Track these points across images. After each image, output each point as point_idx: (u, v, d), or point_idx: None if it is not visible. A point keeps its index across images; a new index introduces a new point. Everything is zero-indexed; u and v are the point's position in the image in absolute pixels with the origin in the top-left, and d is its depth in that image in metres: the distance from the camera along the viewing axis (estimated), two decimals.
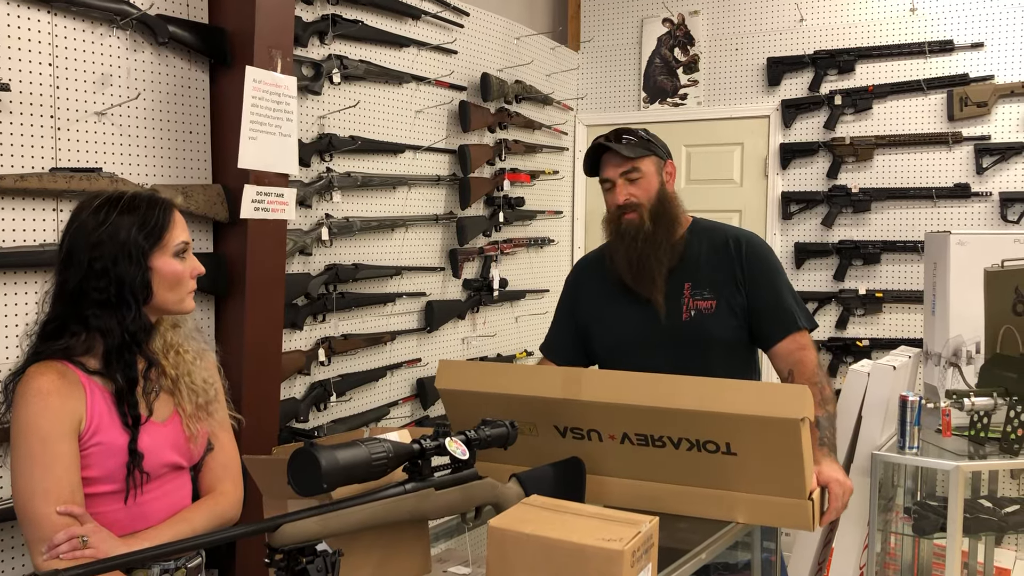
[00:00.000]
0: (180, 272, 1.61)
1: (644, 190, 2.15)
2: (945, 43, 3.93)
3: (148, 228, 1.58)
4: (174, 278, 1.61)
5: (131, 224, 1.56)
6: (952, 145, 3.93)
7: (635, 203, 2.14)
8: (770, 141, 4.30)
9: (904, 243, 4.00)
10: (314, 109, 2.95)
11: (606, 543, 1.19)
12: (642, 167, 2.15)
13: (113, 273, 1.54)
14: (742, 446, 1.63)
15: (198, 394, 1.66)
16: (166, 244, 1.60)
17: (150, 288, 1.58)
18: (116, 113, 2.30)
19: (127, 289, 1.55)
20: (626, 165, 2.15)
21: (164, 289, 1.60)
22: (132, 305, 1.55)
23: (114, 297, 1.54)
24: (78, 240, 1.56)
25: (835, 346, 4.09)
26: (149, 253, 1.57)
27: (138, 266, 1.55)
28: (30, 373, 1.52)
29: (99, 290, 1.53)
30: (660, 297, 2.12)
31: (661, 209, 2.15)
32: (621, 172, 2.15)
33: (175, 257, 1.61)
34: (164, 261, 1.59)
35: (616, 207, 2.17)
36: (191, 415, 1.65)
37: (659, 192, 2.16)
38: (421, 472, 1.37)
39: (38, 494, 1.46)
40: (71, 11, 2.18)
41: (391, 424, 3.33)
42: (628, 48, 4.64)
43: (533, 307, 4.21)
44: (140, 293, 1.56)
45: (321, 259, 3.00)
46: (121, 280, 1.54)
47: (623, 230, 2.15)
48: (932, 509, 2.67)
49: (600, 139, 2.20)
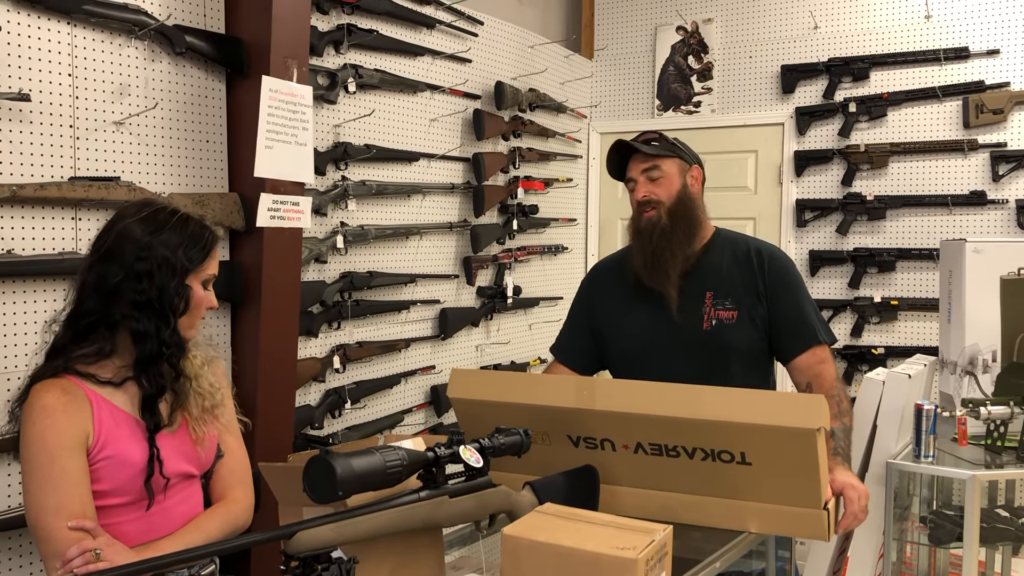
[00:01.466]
0: (201, 299, 1.64)
1: (664, 189, 2.16)
2: (960, 50, 3.91)
3: (194, 251, 1.60)
4: (195, 305, 1.63)
5: (181, 241, 1.59)
6: (968, 152, 3.91)
7: (655, 200, 2.15)
8: (784, 148, 4.30)
9: (919, 251, 3.98)
10: (329, 118, 2.97)
11: (620, 552, 1.20)
12: (663, 167, 2.17)
13: (157, 278, 1.55)
14: (757, 456, 1.63)
15: (204, 397, 1.67)
16: (201, 271, 1.63)
17: (188, 305, 1.60)
18: (134, 123, 2.32)
19: (166, 298, 1.56)
20: (647, 163, 2.17)
21: (187, 314, 1.62)
22: (170, 318, 1.57)
23: (156, 302, 1.55)
24: (124, 241, 1.57)
25: (850, 354, 4.08)
26: (188, 275, 1.60)
27: (178, 282, 1.58)
28: (35, 391, 1.53)
29: (138, 291, 1.54)
30: (674, 292, 2.12)
31: (681, 208, 2.16)
32: (642, 170, 2.17)
33: (202, 286, 1.64)
34: (196, 288, 1.62)
35: (637, 204, 2.19)
36: (197, 418, 1.66)
37: (680, 192, 2.17)
38: (435, 480, 1.37)
39: (49, 510, 1.47)
40: (90, 22, 2.20)
41: (405, 431, 3.33)
42: (642, 56, 4.65)
43: (547, 315, 4.21)
44: (178, 307, 1.58)
45: (336, 267, 3.02)
46: (162, 288, 1.56)
47: (642, 227, 2.17)
48: (948, 518, 2.65)
49: (621, 142, 2.21)
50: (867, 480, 2.66)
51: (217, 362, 1.76)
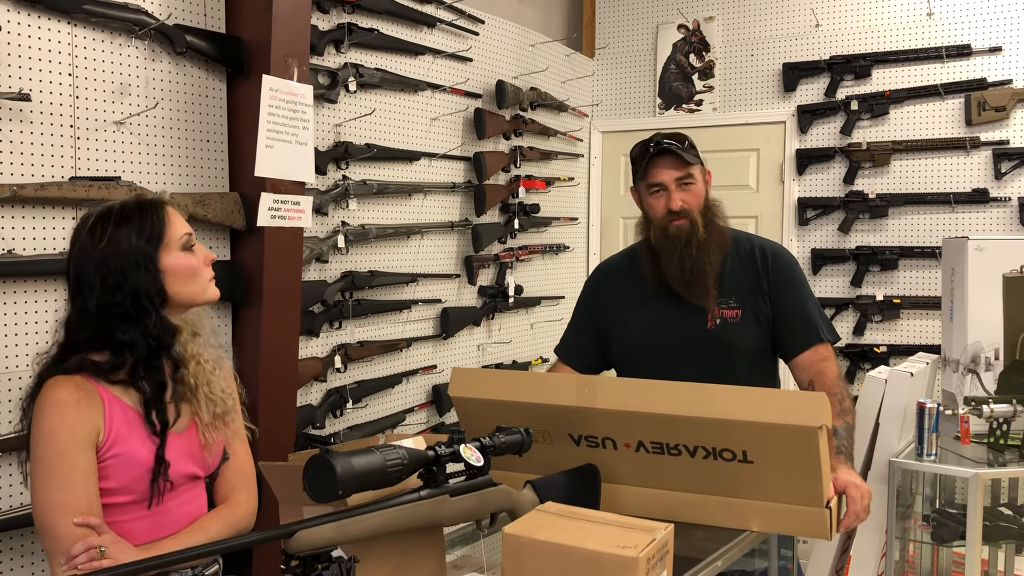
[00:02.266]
0: (193, 264, 1.63)
1: (696, 197, 2.13)
2: (963, 47, 3.91)
3: (147, 232, 1.59)
4: (188, 271, 1.62)
5: (129, 233, 1.57)
6: (970, 150, 3.90)
7: (687, 210, 2.11)
8: (786, 147, 4.29)
9: (922, 249, 3.98)
10: (330, 117, 2.97)
11: (621, 550, 1.19)
12: (695, 174, 2.14)
13: (127, 286, 1.55)
14: (759, 454, 1.62)
15: (216, 404, 1.67)
16: (169, 241, 1.61)
17: (164, 291, 1.59)
18: (135, 122, 2.32)
19: (143, 297, 1.56)
20: (682, 171, 2.11)
21: (182, 284, 1.61)
22: (151, 311, 1.57)
23: (133, 309, 1.55)
24: (83, 262, 1.57)
25: (853, 353, 4.07)
26: (156, 255, 1.59)
27: (148, 272, 1.57)
28: (48, 385, 1.53)
29: (118, 304, 1.55)
30: (711, 302, 2.11)
31: (710, 217, 2.14)
32: (676, 177, 2.11)
33: (183, 251, 1.62)
34: (174, 257, 1.60)
35: (667, 211, 2.12)
36: (208, 424, 1.66)
37: (706, 199, 2.15)
38: (436, 479, 1.37)
39: (55, 507, 1.47)
40: (91, 22, 2.20)
41: (407, 430, 3.33)
42: (643, 54, 4.64)
43: (548, 314, 4.20)
44: (156, 298, 1.58)
45: (337, 266, 3.02)
46: (136, 290, 1.56)
47: (672, 236, 2.11)
48: (951, 517, 2.65)
49: (655, 141, 2.14)
50: (870, 478, 2.66)
51: (225, 364, 1.75)
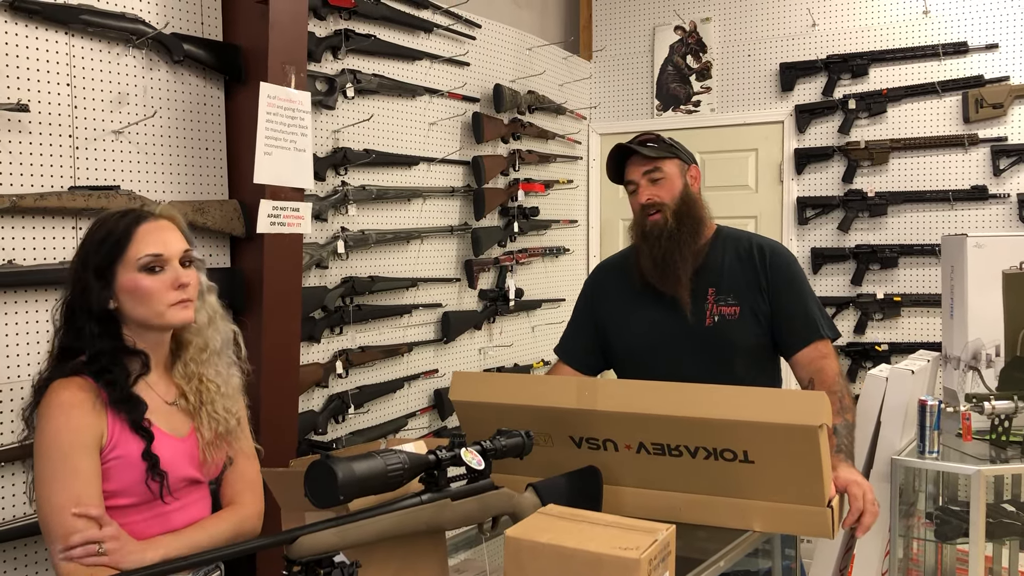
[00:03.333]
0: (146, 287, 1.56)
1: (667, 191, 2.16)
2: (959, 45, 3.91)
3: (108, 245, 1.57)
4: (140, 292, 1.56)
5: (97, 243, 1.58)
6: (968, 147, 3.91)
7: (658, 203, 2.15)
8: (784, 146, 4.29)
9: (921, 246, 3.98)
10: (328, 123, 2.97)
11: (623, 552, 1.19)
12: (664, 168, 2.17)
13: (85, 296, 1.57)
14: (760, 454, 1.62)
15: (218, 423, 1.67)
16: (128, 259, 1.57)
17: (109, 307, 1.57)
18: (133, 131, 2.33)
19: (94, 313, 1.56)
20: (648, 165, 2.16)
21: (134, 305, 1.57)
22: (91, 323, 1.56)
23: (84, 317, 1.56)
24: (70, 267, 1.62)
25: (854, 351, 4.07)
26: (111, 271, 1.56)
27: (100, 286, 1.56)
28: (53, 388, 1.53)
29: (77, 310, 1.57)
30: (686, 295, 2.12)
31: (685, 209, 2.16)
32: (643, 172, 2.17)
33: (142, 272, 1.56)
34: (128, 277, 1.56)
35: (640, 208, 2.18)
36: (209, 442, 1.66)
37: (683, 193, 2.17)
38: (437, 483, 1.37)
39: (57, 507, 1.48)
40: (88, 32, 2.21)
41: (409, 435, 3.33)
42: (640, 56, 4.65)
43: (549, 316, 4.21)
44: (104, 316, 1.57)
45: (337, 272, 3.02)
46: (89, 305, 1.56)
47: (647, 231, 2.16)
48: (954, 514, 2.64)
49: (619, 146, 2.21)
50: (872, 477, 2.66)
51: (233, 382, 1.73)
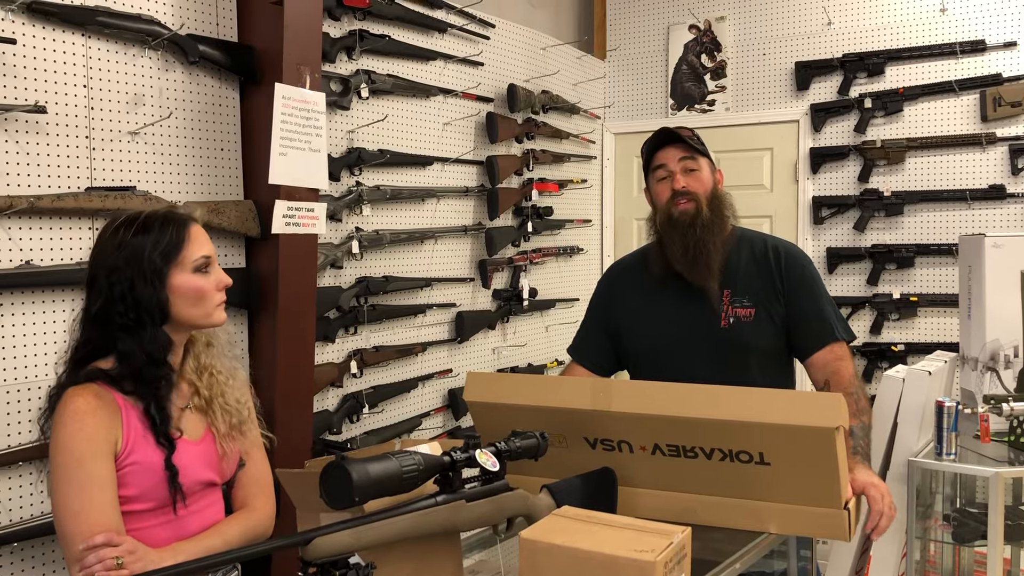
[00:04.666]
0: (202, 287, 1.61)
1: (700, 183, 2.15)
2: (977, 43, 3.88)
3: (163, 247, 1.58)
4: (196, 294, 1.60)
5: (145, 244, 1.57)
6: (986, 146, 3.87)
7: (691, 192, 2.14)
8: (800, 146, 4.27)
9: (938, 246, 3.95)
10: (343, 124, 2.98)
11: (638, 554, 1.19)
12: (700, 161, 2.17)
13: (131, 297, 1.55)
14: (776, 456, 1.61)
15: (231, 414, 1.68)
16: (183, 260, 1.60)
17: (167, 308, 1.58)
18: (149, 132, 2.34)
19: (144, 311, 1.56)
20: (686, 153, 2.15)
21: (187, 305, 1.60)
22: (148, 326, 1.56)
23: (133, 321, 1.56)
24: (98, 264, 1.59)
25: (870, 352, 4.04)
26: (166, 272, 1.58)
27: (154, 287, 1.56)
28: (68, 395, 1.54)
29: (120, 314, 1.55)
30: (715, 286, 2.11)
31: (716, 203, 2.16)
32: (680, 159, 2.15)
33: (195, 272, 1.61)
34: (184, 278, 1.59)
35: (671, 194, 2.15)
36: (224, 435, 1.67)
37: (714, 189, 2.17)
38: (452, 484, 1.37)
39: (70, 514, 1.49)
40: (104, 33, 2.22)
41: (423, 435, 3.34)
42: (655, 55, 4.64)
43: (563, 316, 4.20)
44: (156, 313, 1.57)
45: (352, 272, 3.03)
46: (138, 302, 1.56)
47: (676, 219, 2.13)
48: (972, 516, 2.62)
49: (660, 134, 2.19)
50: (889, 479, 2.64)
51: (239, 375, 1.75)
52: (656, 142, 2.20)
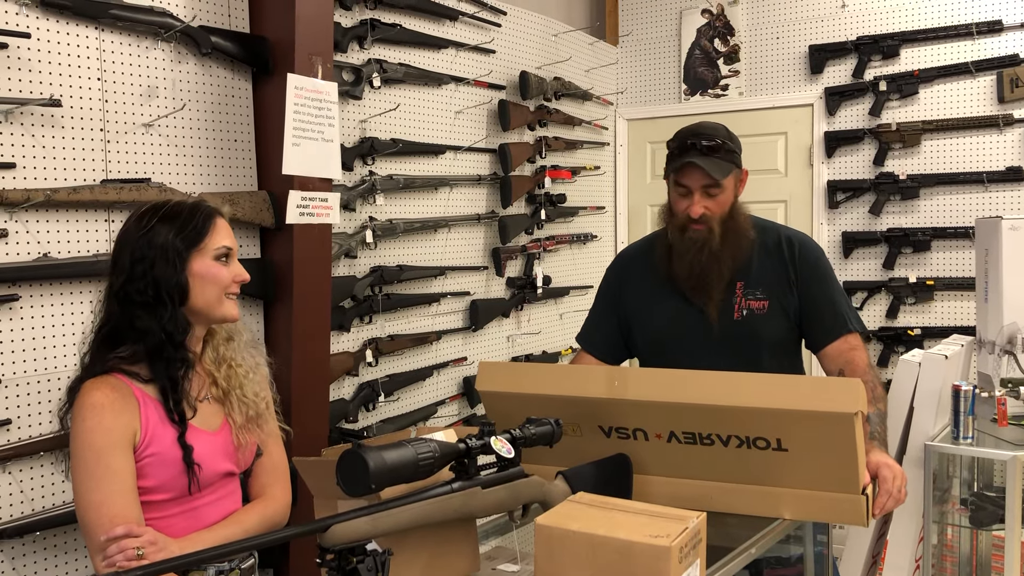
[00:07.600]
0: (220, 274, 1.64)
1: (720, 205, 2.09)
2: (994, 23, 3.84)
3: (187, 232, 1.61)
4: (213, 279, 1.63)
5: (170, 229, 1.61)
6: (1003, 128, 3.84)
7: (707, 217, 2.08)
8: (814, 130, 4.24)
9: (955, 229, 3.92)
10: (355, 113, 2.98)
11: (653, 539, 1.19)
12: (724, 183, 2.08)
13: (151, 276, 1.58)
14: (793, 442, 1.61)
15: (248, 406, 1.69)
16: (205, 248, 1.63)
17: (187, 289, 1.61)
18: (163, 124, 2.35)
19: (163, 290, 1.58)
20: (709, 180, 2.07)
21: (202, 290, 1.62)
22: (168, 305, 1.59)
23: (152, 298, 1.58)
24: (123, 246, 1.62)
25: (886, 336, 4.02)
26: (187, 256, 1.61)
27: (174, 268, 1.59)
28: (85, 388, 1.56)
29: (139, 292, 1.58)
30: (713, 308, 2.10)
31: (731, 224, 2.10)
32: (703, 185, 2.07)
33: (216, 260, 1.64)
34: (204, 264, 1.62)
35: (687, 215, 2.09)
36: (241, 426, 1.69)
37: (732, 206, 2.11)
38: (467, 471, 1.38)
39: (92, 506, 1.51)
40: (117, 26, 2.23)
41: (439, 423, 3.35)
42: (667, 40, 4.61)
43: (577, 304, 4.20)
44: (176, 293, 1.59)
45: (366, 261, 3.03)
46: (157, 282, 1.58)
47: (688, 239, 2.09)
48: (989, 500, 2.61)
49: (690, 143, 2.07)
50: (905, 463, 2.64)
51: (261, 370, 1.77)
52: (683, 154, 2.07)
